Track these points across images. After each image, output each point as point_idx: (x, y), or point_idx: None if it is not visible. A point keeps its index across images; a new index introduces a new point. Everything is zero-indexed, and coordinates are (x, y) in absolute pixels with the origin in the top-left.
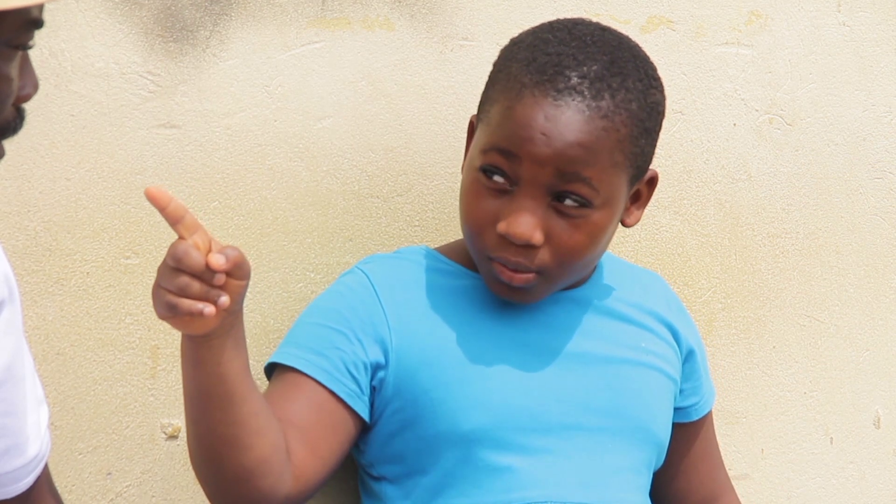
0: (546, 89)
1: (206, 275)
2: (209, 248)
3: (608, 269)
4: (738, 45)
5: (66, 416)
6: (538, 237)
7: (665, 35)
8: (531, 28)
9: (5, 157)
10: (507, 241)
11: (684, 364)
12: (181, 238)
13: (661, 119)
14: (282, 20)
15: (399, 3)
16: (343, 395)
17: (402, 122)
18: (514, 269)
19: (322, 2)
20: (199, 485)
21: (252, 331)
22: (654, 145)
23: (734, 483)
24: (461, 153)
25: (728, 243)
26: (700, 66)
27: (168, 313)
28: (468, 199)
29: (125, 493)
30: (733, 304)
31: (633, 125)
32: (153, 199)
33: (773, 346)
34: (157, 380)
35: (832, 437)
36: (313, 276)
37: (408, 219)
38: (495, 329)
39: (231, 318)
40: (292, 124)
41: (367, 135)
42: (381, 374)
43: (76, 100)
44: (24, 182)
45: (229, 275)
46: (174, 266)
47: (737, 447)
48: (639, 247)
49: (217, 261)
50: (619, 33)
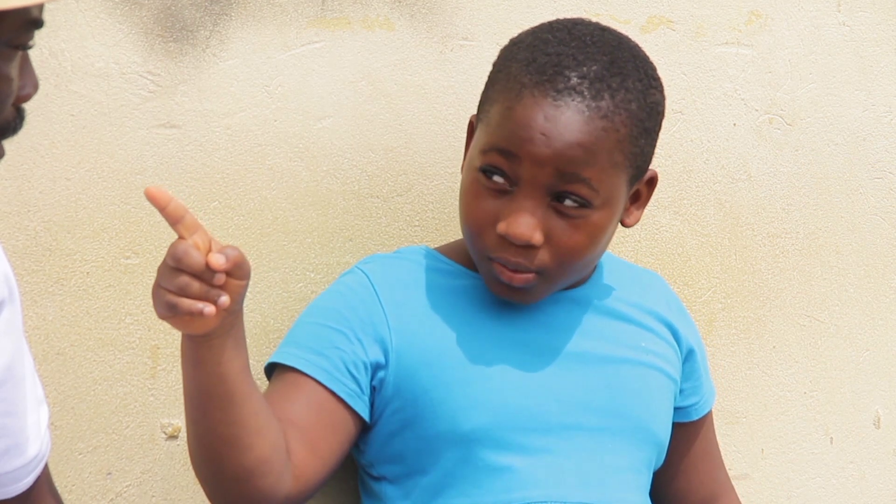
0: (546, 89)
1: (206, 275)
2: (209, 247)
3: (608, 268)
4: (738, 44)
5: (66, 416)
6: (538, 237)
7: (665, 35)
8: (531, 28)
9: (5, 157)
10: (507, 241)
11: (684, 364)
12: (181, 238)
13: (661, 119)
14: (282, 20)
15: (399, 3)
16: (343, 395)
17: (402, 122)
18: (514, 270)
19: (322, 2)
20: (199, 485)
21: (252, 331)
22: (653, 145)
23: (734, 483)
24: (461, 153)
25: (728, 243)
26: (700, 66)
27: (168, 313)
28: (468, 200)
29: (125, 493)
30: (733, 304)
31: (632, 125)
32: (153, 199)
33: (773, 346)
34: (157, 380)
35: (832, 437)
36: (313, 276)
37: (408, 219)
38: (495, 329)
39: (231, 317)
40: (292, 124)
41: (367, 135)
42: (381, 373)
43: (76, 100)
44: (24, 182)
45: (229, 275)
46: (174, 266)
47: (737, 447)
48: (639, 247)
49: (217, 260)
50: (619, 33)
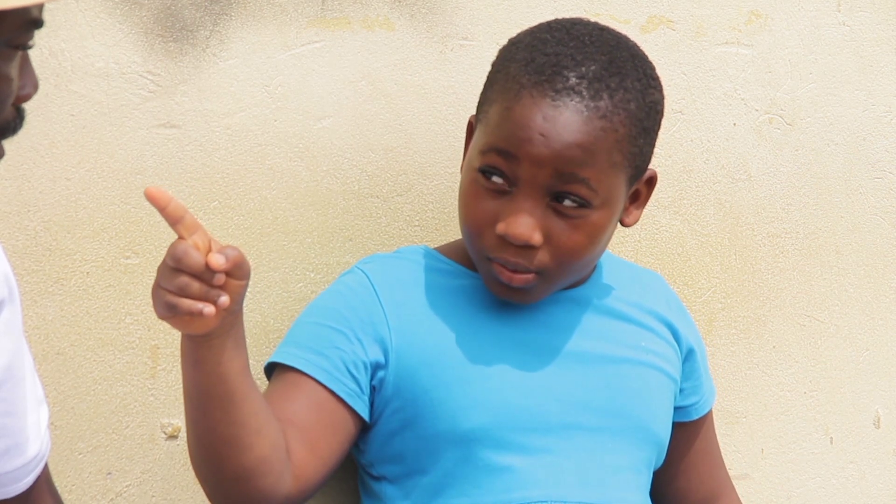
0: (544, 90)
1: (205, 275)
2: (209, 248)
3: (608, 268)
4: (738, 44)
5: (66, 416)
6: (537, 238)
7: (665, 35)
8: (529, 28)
9: (5, 157)
10: (507, 241)
11: (684, 363)
12: (181, 238)
13: (660, 119)
14: (282, 20)
15: (399, 3)
16: (343, 395)
17: (402, 122)
18: (514, 270)
19: (322, 2)
20: (199, 485)
21: (252, 331)
22: (652, 145)
23: (734, 483)
24: (461, 153)
25: (728, 243)
26: (700, 66)
27: (168, 313)
28: (467, 200)
29: (125, 493)
30: (733, 304)
31: (631, 125)
32: (153, 199)
33: (773, 346)
34: (157, 380)
35: (832, 437)
36: (313, 276)
37: (408, 219)
38: (495, 329)
39: (231, 317)
40: (292, 124)
41: (367, 135)
42: (380, 373)
43: (76, 100)
44: (24, 182)
45: (229, 275)
46: (174, 266)
47: (737, 447)
48: (639, 247)
49: (217, 261)
50: (618, 33)
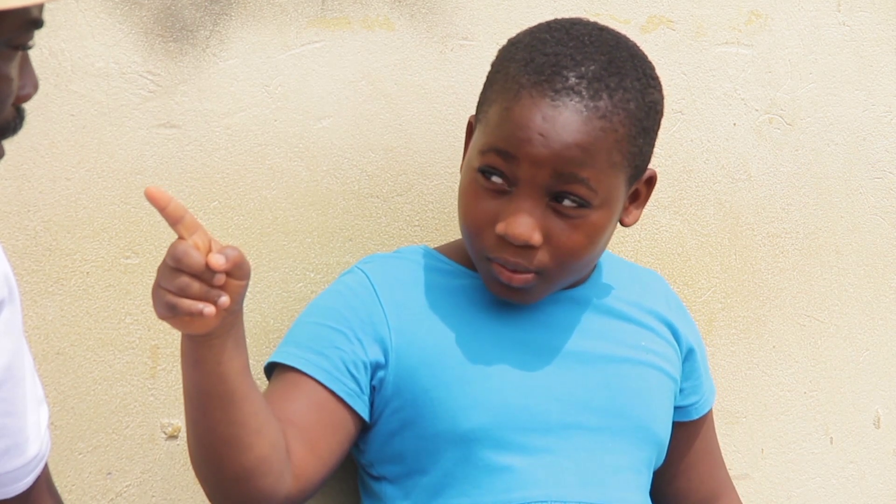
0: (544, 90)
1: (205, 275)
2: (209, 248)
3: (607, 268)
4: (738, 44)
5: (66, 416)
6: (537, 238)
7: (665, 35)
8: (529, 28)
9: (5, 157)
10: (506, 241)
11: (684, 363)
12: (181, 238)
13: (660, 118)
14: (282, 20)
15: (399, 3)
16: (343, 395)
17: (402, 122)
18: (513, 270)
19: (322, 2)
20: (199, 485)
21: (252, 331)
22: (652, 145)
23: (734, 483)
24: (461, 153)
25: (728, 243)
26: (700, 66)
27: (168, 313)
28: (467, 200)
29: (125, 493)
30: (733, 304)
31: (631, 125)
32: (153, 199)
33: (773, 346)
34: (157, 380)
35: (832, 437)
36: (313, 276)
37: (408, 219)
38: (495, 328)
39: (231, 317)
40: (292, 124)
41: (367, 135)
42: (380, 373)
43: (76, 100)
44: (24, 182)
45: (229, 275)
46: (174, 266)
47: (737, 447)
48: (639, 247)
49: (217, 261)
50: (617, 33)
